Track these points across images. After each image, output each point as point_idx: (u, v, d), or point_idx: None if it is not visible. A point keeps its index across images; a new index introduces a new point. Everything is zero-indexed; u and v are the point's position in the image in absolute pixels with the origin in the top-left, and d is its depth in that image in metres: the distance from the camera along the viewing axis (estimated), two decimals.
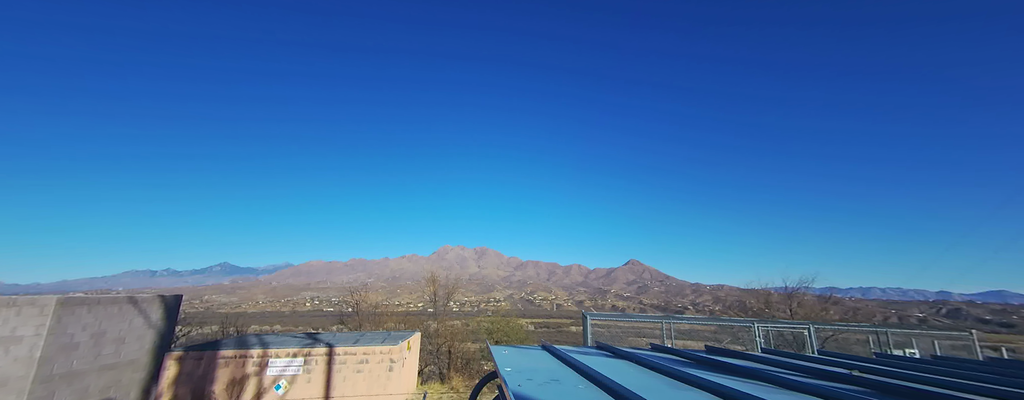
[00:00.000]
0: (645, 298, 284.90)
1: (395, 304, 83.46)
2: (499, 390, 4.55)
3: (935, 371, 4.84)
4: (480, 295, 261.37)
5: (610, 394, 3.25)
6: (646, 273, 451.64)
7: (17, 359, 9.65)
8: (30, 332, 9.88)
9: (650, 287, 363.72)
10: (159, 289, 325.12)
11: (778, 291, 25.31)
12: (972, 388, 3.68)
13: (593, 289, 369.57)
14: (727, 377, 4.07)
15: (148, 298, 13.58)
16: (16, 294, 11.40)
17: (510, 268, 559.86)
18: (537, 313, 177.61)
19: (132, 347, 12.38)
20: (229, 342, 16.07)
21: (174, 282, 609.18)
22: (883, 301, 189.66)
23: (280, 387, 13.65)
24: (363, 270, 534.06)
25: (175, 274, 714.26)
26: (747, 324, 13.16)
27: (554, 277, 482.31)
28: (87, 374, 10.94)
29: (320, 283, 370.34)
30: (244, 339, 17.39)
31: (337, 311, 40.52)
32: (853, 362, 5.50)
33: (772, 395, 3.22)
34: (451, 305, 31.92)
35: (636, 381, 3.78)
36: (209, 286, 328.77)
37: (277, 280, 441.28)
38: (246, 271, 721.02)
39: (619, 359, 5.24)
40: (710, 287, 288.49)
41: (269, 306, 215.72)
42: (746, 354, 6.37)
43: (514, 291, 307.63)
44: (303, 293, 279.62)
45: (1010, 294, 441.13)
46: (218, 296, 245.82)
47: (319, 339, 16.75)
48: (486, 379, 6.13)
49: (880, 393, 3.47)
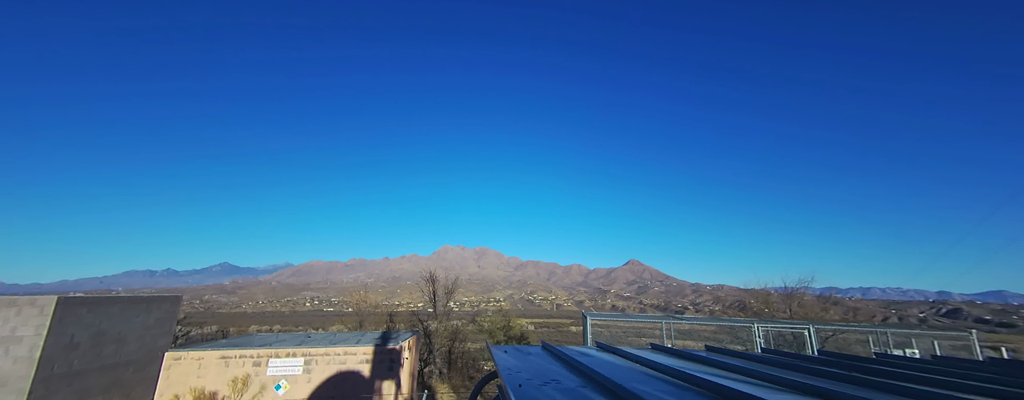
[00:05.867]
0: (645, 298, 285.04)
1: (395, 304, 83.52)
2: (499, 390, 4.55)
3: (935, 371, 4.83)
4: (480, 295, 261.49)
5: (610, 394, 3.25)
6: (646, 273, 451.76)
7: (17, 359, 9.65)
8: (30, 332, 9.88)
9: (650, 287, 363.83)
10: (159, 289, 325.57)
11: (778, 291, 25.31)
12: (972, 388, 3.68)
13: (593, 289, 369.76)
14: (727, 377, 4.07)
15: (148, 298, 13.58)
16: (16, 294, 11.39)
17: (510, 268, 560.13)
18: (537, 313, 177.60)
19: (132, 347, 12.38)
20: (229, 342, 16.07)
21: (174, 282, 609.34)
22: (883, 301, 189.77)
23: (280, 387, 13.65)
24: (363, 270, 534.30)
25: (175, 274, 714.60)
26: (747, 324, 13.16)
27: (554, 277, 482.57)
28: (87, 374, 10.94)
29: (320, 283, 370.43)
30: (244, 339, 17.39)
31: (337, 311, 40.52)
32: (853, 362, 5.49)
33: (772, 395, 3.22)
34: (451, 305, 31.91)
35: (636, 381, 3.78)
36: (209, 286, 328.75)
37: (277, 280, 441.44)
38: (246, 271, 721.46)
39: (619, 359, 5.24)
40: (710, 287, 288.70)
41: (269, 306, 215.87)
42: (746, 354, 6.37)
43: (514, 291, 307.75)
44: (303, 293, 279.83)
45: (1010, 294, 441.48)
46: (218, 296, 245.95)
47: (319, 339, 16.76)
48: (486, 379, 6.13)
49: (880, 393, 3.47)
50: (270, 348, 14.18)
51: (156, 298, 13.89)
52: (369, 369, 14.36)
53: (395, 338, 16.62)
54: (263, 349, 14.07)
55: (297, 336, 18.45)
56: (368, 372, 14.33)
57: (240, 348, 14.09)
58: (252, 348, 14.12)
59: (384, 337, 17.08)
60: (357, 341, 15.65)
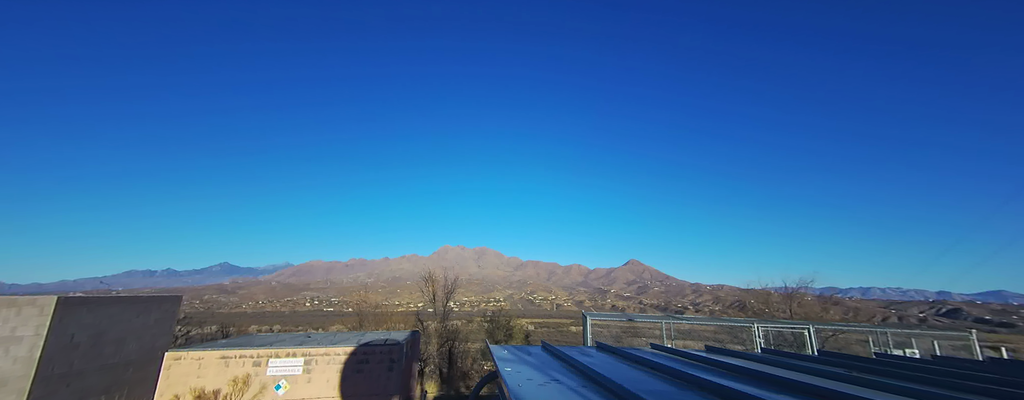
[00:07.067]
0: (645, 298, 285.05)
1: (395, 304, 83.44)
2: (499, 390, 4.55)
3: (935, 371, 4.83)
4: (480, 295, 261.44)
5: (610, 394, 3.25)
6: (646, 273, 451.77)
7: (17, 359, 9.65)
8: (30, 332, 9.88)
9: (650, 287, 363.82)
10: (159, 289, 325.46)
11: (778, 291, 25.33)
12: (972, 388, 3.68)
13: (593, 289, 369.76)
14: (727, 377, 4.07)
15: (148, 298, 13.59)
16: (16, 294, 11.40)
17: (510, 268, 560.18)
18: (537, 313, 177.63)
19: (132, 347, 12.39)
20: (229, 342, 16.07)
21: (174, 282, 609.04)
22: (883, 301, 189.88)
23: (280, 387, 13.65)
24: (363, 270, 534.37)
25: (175, 274, 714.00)
26: (747, 324, 13.17)
27: (554, 277, 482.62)
28: (87, 374, 10.94)
29: (320, 283, 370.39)
30: (244, 339, 17.39)
31: (337, 311, 40.56)
32: (853, 362, 5.50)
33: (772, 395, 3.22)
34: (451, 305, 31.89)
35: (636, 381, 3.78)
36: (209, 286, 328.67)
37: (277, 280, 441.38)
38: (246, 271, 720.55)
39: (619, 359, 5.24)
40: (710, 287, 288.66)
41: (269, 306, 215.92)
42: (746, 354, 6.38)
43: (514, 291, 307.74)
44: (303, 293, 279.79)
45: (1010, 294, 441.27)
46: (218, 296, 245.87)
47: (319, 339, 16.76)
48: (486, 379, 6.13)
49: (880, 393, 3.47)
50: (270, 348, 14.18)
51: (156, 298, 13.89)
52: (369, 369, 14.36)
53: (395, 338, 16.62)
54: (263, 349, 14.07)
55: (297, 336, 18.45)
56: (368, 372, 14.33)
57: (240, 348, 14.08)
58: (252, 348, 14.12)
59: (384, 337, 17.08)
60: (357, 341, 15.64)
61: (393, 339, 16.35)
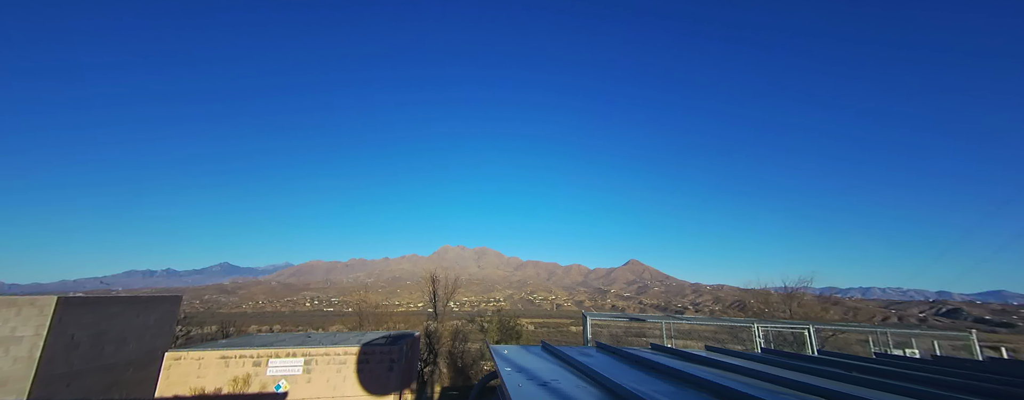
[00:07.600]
0: (645, 298, 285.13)
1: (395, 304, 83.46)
2: (499, 390, 4.55)
3: (935, 371, 4.84)
4: (480, 295, 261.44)
5: (610, 394, 3.26)
6: (646, 273, 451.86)
7: (17, 359, 9.65)
8: (30, 332, 9.89)
9: (650, 287, 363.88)
10: (159, 289, 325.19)
11: (778, 291, 25.35)
12: (972, 388, 3.68)
13: (593, 289, 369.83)
14: (727, 377, 4.07)
15: (148, 298, 13.59)
16: (16, 294, 11.40)
17: (510, 268, 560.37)
18: (537, 313, 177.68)
19: (132, 347, 12.39)
20: (229, 342, 16.09)
21: (174, 282, 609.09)
22: (883, 301, 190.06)
23: (280, 387, 13.66)
24: (363, 270, 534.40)
25: (175, 274, 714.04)
26: (747, 324, 13.17)
27: (554, 277, 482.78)
28: (87, 374, 10.94)
29: (320, 283, 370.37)
30: (244, 339, 17.40)
31: (337, 311, 40.56)
32: (853, 362, 5.50)
33: (772, 395, 3.23)
34: (451, 305, 31.94)
35: (636, 381, 3.78)
36: (209, 286, 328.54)
37: (277, 280, 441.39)
38: (246, 271, 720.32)
39: (619, 359, 5.25)
40: (710, 287, 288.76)
41: (269, 306, 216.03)
42: (746, 354, 6.38)
43: (514, 291, 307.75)
44: (303, 293, 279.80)
45: (1009, 294, 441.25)
46: (218, 296, 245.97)
47: (319, 339, 16.77)
48: (486, 379, 6.14)
49: (880, 393, 3.48)
50: (270, 348, 14.19)
51: (156, 298, 13.89)
52: (369, 369, 14.37)
53: (395, 338, 16.63)
54: (263, 349, 14.08)
55: (297, 336, 18.47)
56: (368, 372, 14.35)
57: (240, 348, 14.10)
58: (252, 348, 14.13)
59: (384, 337, 17.09)
60: (357, 341, 15.65)
61: (393, 339, 16.36)
